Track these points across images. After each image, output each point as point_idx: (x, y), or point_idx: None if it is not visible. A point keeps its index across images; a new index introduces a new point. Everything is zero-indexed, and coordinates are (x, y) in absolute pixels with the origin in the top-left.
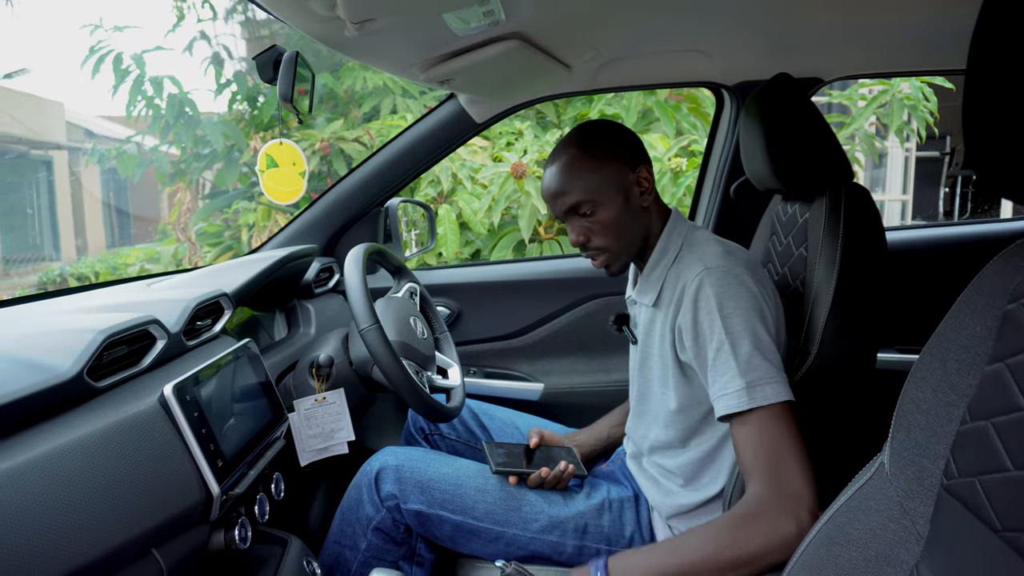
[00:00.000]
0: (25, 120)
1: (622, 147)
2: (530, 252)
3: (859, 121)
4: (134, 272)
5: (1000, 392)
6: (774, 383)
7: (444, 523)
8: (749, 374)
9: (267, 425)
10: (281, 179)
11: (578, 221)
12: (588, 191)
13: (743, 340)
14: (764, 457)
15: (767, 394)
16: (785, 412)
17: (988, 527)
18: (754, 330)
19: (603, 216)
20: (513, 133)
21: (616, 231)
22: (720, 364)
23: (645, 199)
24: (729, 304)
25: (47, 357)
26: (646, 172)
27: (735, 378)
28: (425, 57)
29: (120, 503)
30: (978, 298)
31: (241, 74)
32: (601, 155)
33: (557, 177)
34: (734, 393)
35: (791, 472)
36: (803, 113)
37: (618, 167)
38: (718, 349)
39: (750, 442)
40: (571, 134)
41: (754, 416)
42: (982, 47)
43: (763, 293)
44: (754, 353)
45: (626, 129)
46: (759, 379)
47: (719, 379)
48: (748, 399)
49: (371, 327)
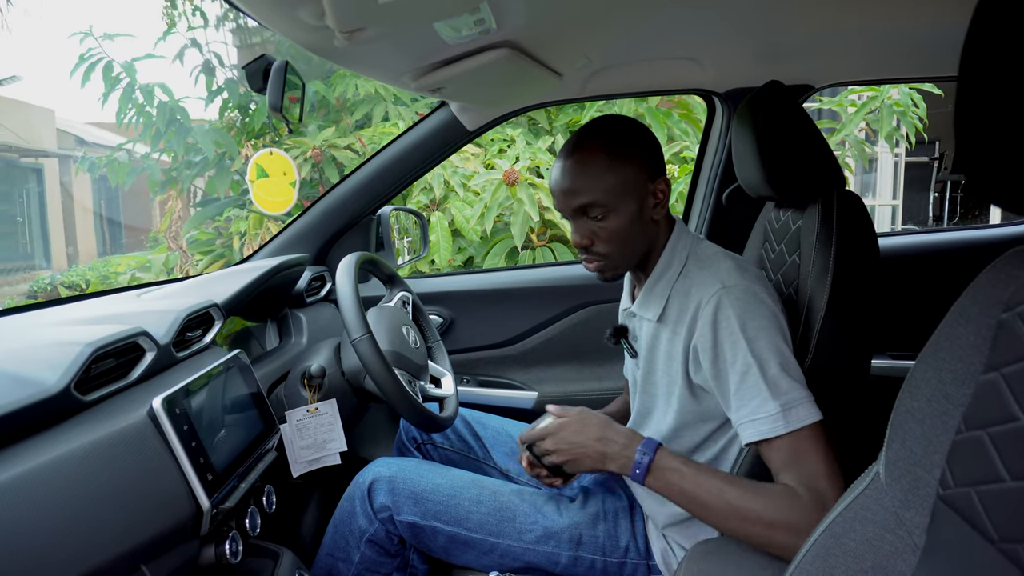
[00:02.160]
0: (15, 128)
1: (645, 153)
2: (523, 259)
3: (849, 127)
4: (125, 280)
5: (995, 402)
6: (806, 403)
7: (438, 534)
8: (781, 397)
9: (258, 437)
10: (271, 189)
11: (585, 223)
12: (604, 193)
13: (770, 362)
14: (800, 472)
15: (801, 416)
16: (819, 431)
17: (984, 538)
18: (779, 349)
19: (613, 222)
20: (505, 140)
21: (623, 240)
22: (748, 388)
23: (658, 212)
24: (751, 324)
25: (34, 371)
26: (664, 184)
27: (767, 402)
28: (416, 66)
29: (108, 518)
30: (972, 307)
31: (232, 82)
32: (624, 158)
33: (571, 173)
34: (768, 418)
35: (829, 492)
36: (795, 120)
37: (638, 174)
38: (744, 372)
39: (785, 459)
40: (595, 128)
41: (786, 439)
42: (973, 54)
43: (779, 309)
44: (782, 375)
45: (650, 133)
46: (791, 401)
47: (748, 403)
48: (784, 423)
49: (363, 337)
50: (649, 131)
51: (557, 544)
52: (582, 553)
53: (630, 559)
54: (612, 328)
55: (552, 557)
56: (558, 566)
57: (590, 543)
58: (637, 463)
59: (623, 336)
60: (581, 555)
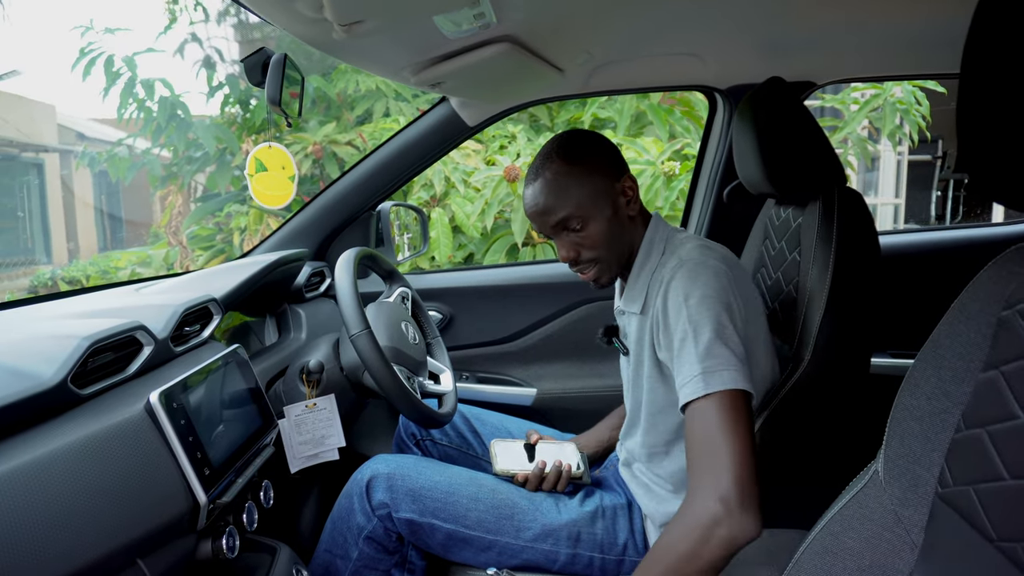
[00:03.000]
0: (16, 122)
1: (604, 158)
2: (523, 256)
3: (851, 125)
4: (125, 276)
5: (995, 400)
6: (731, 370)
7: (436, 532)
8: (707, 361)
9: (256, 432)
10: (270, 183)
11: (567, 237)
12: (578, 205)
13: (705, 329)
14: (702, 451)
15: (724, 380)
16: (736, 400)
17: (983, 536)
18: (717, 317)
19: (593, 229)
20: (506, 136)
21: (606, 243)
22: (684, 354)
23: (632, 208)
24: (695, 294)
25: (31, 364)
26: (630, 181)
27: (694, 365)
28: (416, 60)
29: (104, 512)
30: (972, 304)
31: (233, 77)
32: (586, 167)
33: (543, 194)
34: (691, 381)
35: (725, 469)
36: (796, 117)
37: (603, 178)
38: (682, 339)
39: (693, 432)
40: (551, 148)
41: (705, 403)
42: (976, 51)
43: (733, 285)
44: (715, 341)
45: (604, 138)
46: (716, 366)
47: (682, 369)
48: (704, 385)
49: (362, 332)
50: (603, 137)
51: (555, 541)
52: (580, 550)
53: (628, 556)
54: (604, 328)
55: (550, 554)
56: (556, 563)
57: (588, 540)
58: None
59: (615, 335)
60: (579, 552)
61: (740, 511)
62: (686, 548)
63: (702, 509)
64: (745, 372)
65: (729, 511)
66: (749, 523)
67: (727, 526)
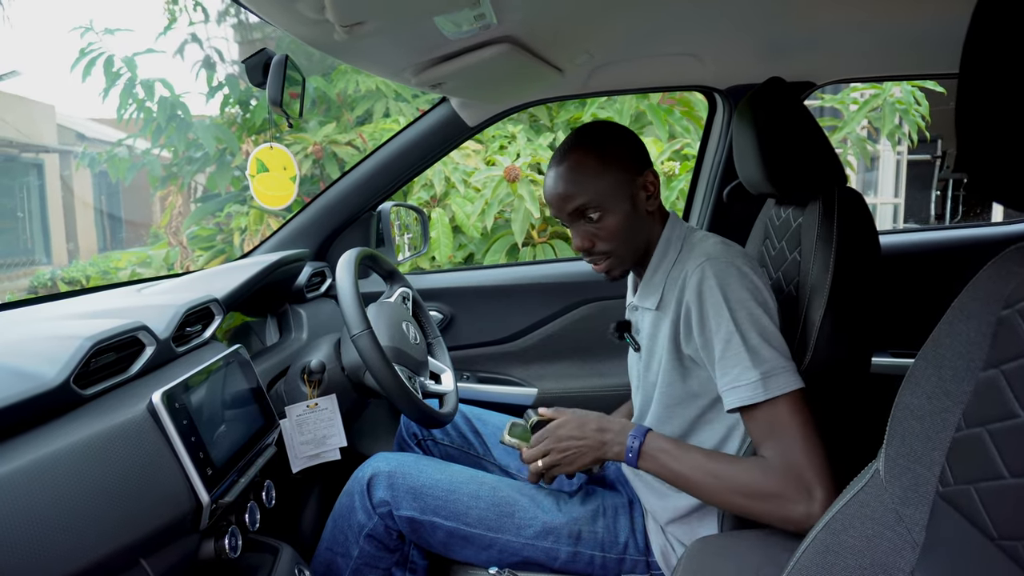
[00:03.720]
0: (16, 123)
1: (630, 151)
2: (523, 256)
3: (851, 125)
4: (125, 276)
5: (995, 399)
6: (786, 372)
7: (437, 530)
8: (762, 365)
9: (258, 432)
10: (271, 184)
11: (583, 225)
12: (597, 194)
13: (751, 331)
14: (779, 444)
15: (781, 384)
16: (799, 400)
17: (984, 535)
18: (760, 320)
19: (610, 221)
20: (506, 137)
21: (622, 236)
22: (731, 356)
23: (651, 204)
24: (733, 295)
25: (33, 364)
26: (652, 177)
27: (748, 369)
28: (416, 61)
29: (107, 512)
30: (972, 303)
31: (233, 77)
32: (610, 158)
33: (564, 179)
34: (748, 385)
35: (804, 463)
36: (796, 117)
37: (626, 171)
38: (727, 341)
39: (765, 429)
40: (577, 135)
41: (768, 406)
42: (975, 51)
43: (764, 284)
44: (763, 344)
45: (631, 132)
46: (772, 369)
47: (730, 371)
48: (764, 390)
49: (363, 332)
50: (630, 130)
51: (556, 540)
52: (581, 549)
53: (629, 555)
54: (616, 323)
55: (551, 552)
56: (557, 561)
57: (589, 539)
58: (629, 448)
59: (626, 330)
60: (580, 551)
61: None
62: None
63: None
64: (795, 370)
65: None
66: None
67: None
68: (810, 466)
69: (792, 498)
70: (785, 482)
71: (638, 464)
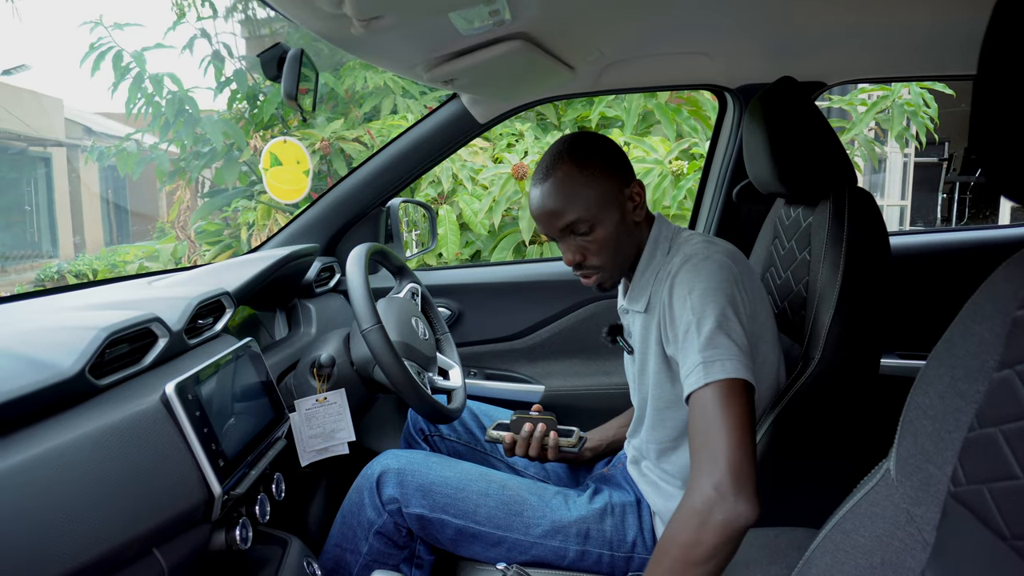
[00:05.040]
0: (24, 116)
1: (615, 162)
2: (530, 254)
3: (859, 126)
4: (132, 270)
5: (1009, 399)
6: (732, 360)
7: (446, 527)
8: (708, 350)
9: (268, 425)
10: (285, 177)
11: (574, 240)
12: (586, 208)
13: (708, 319)
14: (702, 440)
15: (725, 369)
16: (733, 389)
17: (996, 535)
18: (721, 310)
19: (600, 234)
20: (514, 134)
21: (612, 248)
22: (687, 345)
23: (638, 214)
24: (698, 286)
25: (49, 354)
26: (638, 187)
27: (695, 355)
28: (430, 56)
29: (121, 502)
30: (987, 304)
31: (241, 72)
32: (596, 171)
33: (552, 195)
34: (693, 371)
35: (722, 457)
36: (807, 117)
37: (613, 183)
38: (686, 331)
39: (693, 422)
40: (560, 150)
41: (704, 392)
42: (994, 48)
43: (738, 279)
44: (717, 331)
45: (613, 143)
46: (716, 356)
47: (686, 360)
48: (704, 374)
49: (373, 327)
50: (610, 140)
51: (564, 538)
52: (589, 547)
53: (637, 554)
54: (608, 327)
55: (559, 551)
56: (565, 560)
57: (597, 537)
58: None
59: (619, 334)
60: (588, 549)
61: (734, 496)
62: (686, 536)
63: (698, 497)
64: (746, 362)
65: (723, 496)
66: (743, 507)
67: (722, 511)
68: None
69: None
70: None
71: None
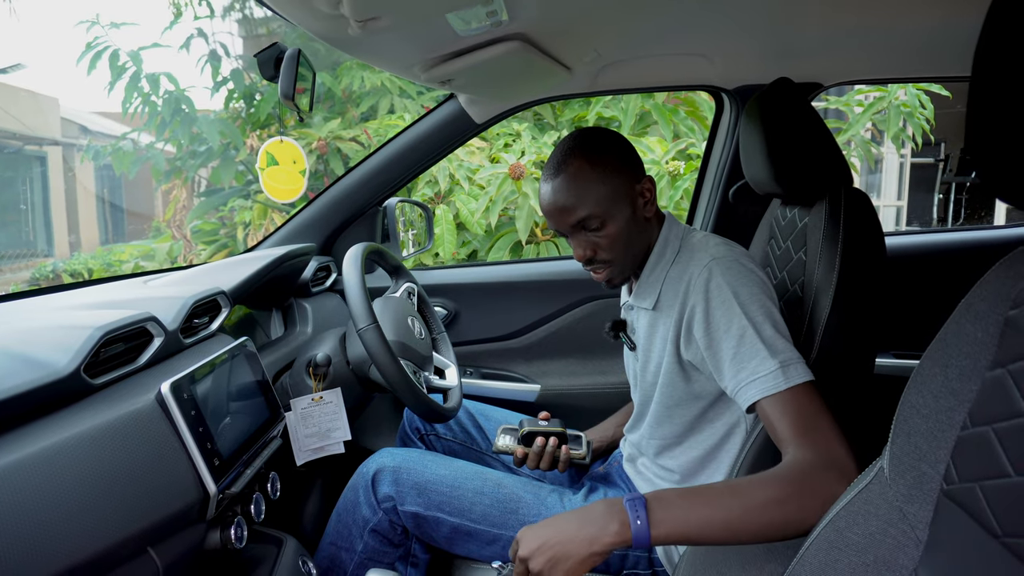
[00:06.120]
0: (20, 115)
1: (625, 158)
2: (527, 253)
3: (856, 127)
4: (128, 269)
5: (1001, 398)
6: (802, 363)
7: (441, 525)
8: (779, 355)
9: (264, 424)
10: (281, 177)
11: (584, 236)
12: (598, 204)
13: (765, 324)
14: (804, 429)
15: (800, 372)
16: (814, 390)
17: (988, 532)
18: (773, 314)
19: (612, 230)
20: (511, 134)
21: (624, 244)
22: (746, 350)
23: (648, 209)
24: (743, 291)
25: (44, 353)
26: (648, 183)
27: (766, 360)
28: (427, 57)
29: (116, 501)
30: (980, 303)
31: (238, 72)
32: (608, 167)
33: (564, 191)
34: (769, 375)
35: (832, 440)
36: (804, 117)
37: (624, 179)
38: (740, 336)
39: (788, 417)
40: (572, 145)
41: (787, 395)
42: (989, 50)
43: (767, 280)
44: (777, 335)
45: (624, 138)
46: (789, 360)
47: (747, 365)
48: (784, 379)
49: (369, 326)
50: (621, 136)
51: None
52: None
53: (632, 551)
54: (611, 322)
55: None
56: None
57: None
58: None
59: (622, 329)
60: None
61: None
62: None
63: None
64: (804, 362)
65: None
66: None
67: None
68: (840, 446)
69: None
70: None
71: (653, 535)
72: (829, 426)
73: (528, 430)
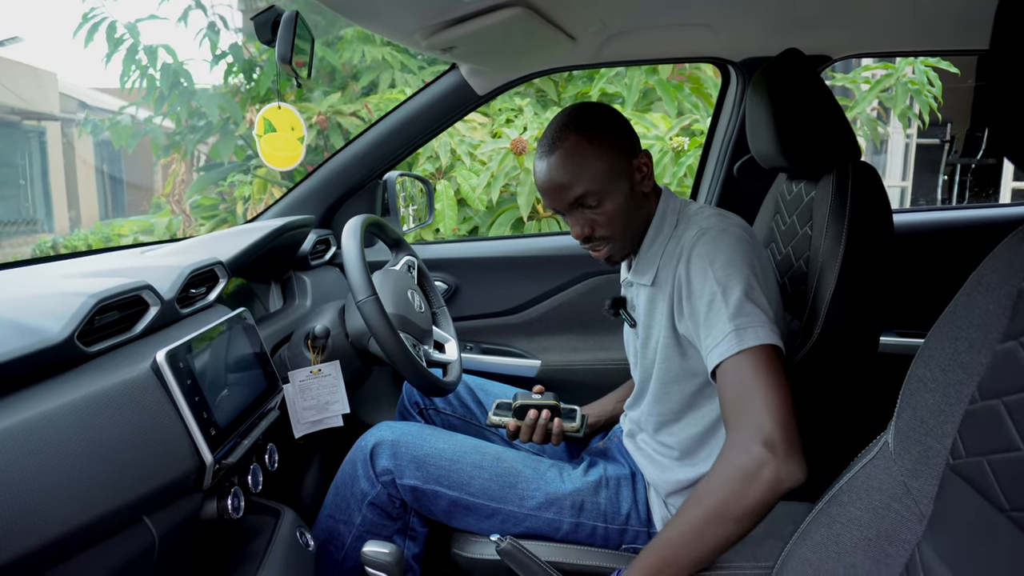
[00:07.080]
0: (18, 90)
1: (621, 133)
2: (528, 229)
3: (862, 104)
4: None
5: (1013, 370)
6: (763, 327)
7: (440, 499)
8: (739, 319)
9: (261, 395)
10: (279, 144)
11: (582, 213)
12: (595, 181)
13: (735, 289)
14: (734, 405)
15: (758, 336)
16: (769, 355)
17: (994, 506)
18: (747, 280)
19: (609, 206)
20: (513, 110)
21: (621, 221)
22: (713, 315)
23: (646, 185)
24: (720, 257)
25: (37, 320)
26: (645, 158)
27: (725, 323)
28: (428, 23)
29: (111, 469)
30: (991, 276)
31: (237, 46)
32: (604, 142)
33: (560, 168)
34: (724, 339)
35: (761, 411)
36: (812, 90)
37: (621, 154)
38: (710, 301)
39: (728, 387)
40: (566, 121)
41: (739, 359)
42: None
43: (755, 250)
44: (745, 300)
45: (618, 113)
46: (748, 323)
47: (712, 331)
48: (737, 342)
49: (369, 299)
50: (617, 111)
51: (559, 510)
52: (583, 520)
53: (631, 526)
54: (611, 300)
55: (553, 523)
56: (559, 532)
57: (592, 510)
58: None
59: (621, 307)
60: (582, 521)
61: (785, 455)
62: (729, 491)
63: (744, 454)
64: (775, 329)
65: (774, 454)
66: (795, 467)
67: (773, 469)
68: (770, 419)
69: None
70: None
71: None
72: (763, 395)
73: (521, 403)
